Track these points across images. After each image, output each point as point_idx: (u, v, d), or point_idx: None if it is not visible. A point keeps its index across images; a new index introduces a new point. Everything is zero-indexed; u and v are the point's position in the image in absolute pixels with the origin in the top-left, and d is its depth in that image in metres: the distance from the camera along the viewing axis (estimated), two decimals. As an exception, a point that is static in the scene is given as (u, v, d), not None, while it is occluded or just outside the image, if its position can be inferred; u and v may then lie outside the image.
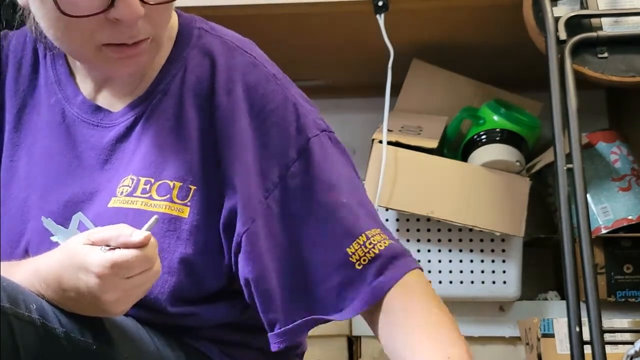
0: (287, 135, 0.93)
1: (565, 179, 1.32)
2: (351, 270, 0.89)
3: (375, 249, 0.90)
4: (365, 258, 0.90)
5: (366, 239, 0.90)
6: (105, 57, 0.88)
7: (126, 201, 0.92)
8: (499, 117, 1.67)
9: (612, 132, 1.74)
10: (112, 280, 0.78)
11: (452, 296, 1.62)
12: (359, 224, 0.92)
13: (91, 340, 0.81)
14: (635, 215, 1.62)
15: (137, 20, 0.84)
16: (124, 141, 0.95)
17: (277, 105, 0.95)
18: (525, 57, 1.56)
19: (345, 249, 0.90)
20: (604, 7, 1.48)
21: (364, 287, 0.89)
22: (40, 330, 0.77)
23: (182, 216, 0.91)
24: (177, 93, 0.95)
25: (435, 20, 1.71)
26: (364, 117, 2.01)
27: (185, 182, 0.92)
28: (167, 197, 0.92)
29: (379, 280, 0.89)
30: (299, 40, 1.79)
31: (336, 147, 0.97)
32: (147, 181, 0.93)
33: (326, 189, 0.92)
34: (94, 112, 0.97)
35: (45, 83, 1.00)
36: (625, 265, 1.63)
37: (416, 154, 1.60)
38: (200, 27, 0.99)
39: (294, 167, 0.92)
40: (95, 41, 0.86)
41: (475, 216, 1.57)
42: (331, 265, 0.90)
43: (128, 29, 0.84)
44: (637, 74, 1.43)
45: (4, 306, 0.74)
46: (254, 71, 0.96)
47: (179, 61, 0.97)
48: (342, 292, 0.90)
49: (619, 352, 1.33)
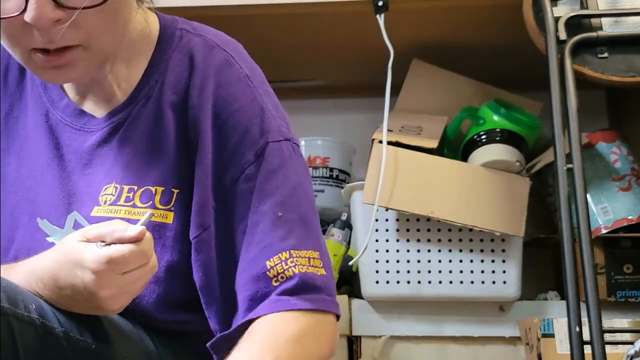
0: (248, 136, 0.92)
1: (565, 179, 1.31)
2: (266, 284, 0.87)
3: (294, 269, 0.87)
4: (282, 276, 0.87)
5: (289, 257, 0.88)
6: (34, 64, 0.86)
7: (110, 210, 0.91)
8: (499, 117, 1.67)
9: (612, 132, 1.74)
10: (108, 276, 0.77)
11: (452, 296, 1.62)
12: (289, 239, 0.89)
13: (90, 339, 0.81)
14: (635, 215, 1.62)
15: (47, 25, 0.81)
16: (104, 146, 0.94)
17: (242, 105, 0.93)
18: (525, 57, 1.56)
19: (265, 262, 0.87)
20: (604, 7, 1.48)
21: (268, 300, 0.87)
22: (40, 330, 0.77)
23: (167, 222, 0.91)
24: (157, 97, 0.94)
25: (435, 20, 1.71)
26: (364, 117, 2.01)
27: (167, 186, 0.91)
28: (150, 204, 0.91)
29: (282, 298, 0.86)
30: (299, 40, 1.79)
31: (296, 159, 0.95)
32: (130, 189, 0.92)
33: (266, 197, 0.90)
34: (77, 116, 0.97)
35: (31, 87, 1.00)
36: (625, 265, 1.63)
37: (416, 154, 1.60)
38: (182, 28, 0.98)
39: (248, 170, 0.90)
40: (23, 46, 0.85)
41: (475, 216, 1.56)
42: (250, 275, 0.88)
43: (44, 34, 0.82)
44: (637, 74, 1.43)
45: (4, 306, 0.74)
46: (227, 69, 0.94)
47: (161, 64, 0.95)
48: (253, 304, 0.87)
49: (619, 352, 1.32)
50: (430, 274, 1.62)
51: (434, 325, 1.64)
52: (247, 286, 0.87)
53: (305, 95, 2.08)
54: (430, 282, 1.62)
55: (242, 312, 0.88)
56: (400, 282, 1.61)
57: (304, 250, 0.89)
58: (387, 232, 1.63)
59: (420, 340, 1.64)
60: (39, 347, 0.76)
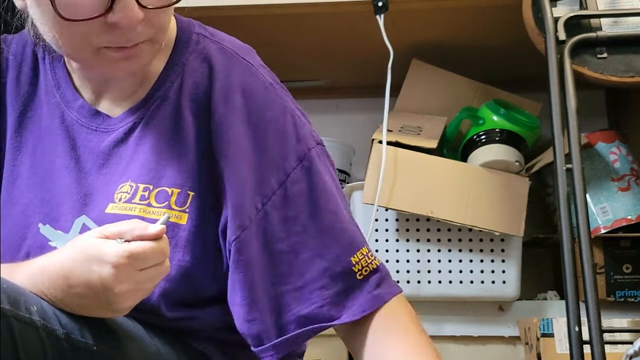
0: (286, 143, 0.94)
1: (564, 179, 1.32)
2: (352, 280, 0.91)
3: (374, 263, 0.92)
4: (367, 269, 0.91)
5: (367, 251, 0.93)
6: (103, 58, 0.88)
7: (125, 207, 0.92)
8: (498, 117, 1.67)
9: (611, 132, 1.74)
10: (127, 271, 0.78)
11: (452, 296, 1.62)
12: (358, 235, 0.94)
13: (92, 341, 0.81)
14: (635, 215, 1.62)
15: (136, 25, 0.84)
16: (121, 146, 0.95)
17: (276, 114, 0.95)
18: (524, 58, 1.56)
19: (350, 258, 0.91)
20: (604, 8, 1.48)
21: (363, 295, 0.90)
22: (41, 331, 0.77)
23: (181, 223, 0.91)
24: (175, 99, 0.95)
25: (435, 20, 1.71)
26: (364, 117, 2.01)
27: (183, 188, 0.92)
28: (166, 204, 0.92)
29: (379, 292, 0.91)
30: (299, 40, 1.79)
31: (329, 160, 0.99)
32: (145, 188, 0.92)
33: (328, 197, 0.93)
34: (93, 116, 0.97)
35: (45, 86, 1.00)
36: (625, 265, 1.63)
37: (416, 154, 1.60)
38: (199, 33, 0.99)
39: (294, 174, 0.93)
40: (93, 44, 0.86)
41: (475, 216, 1.57)
42: (333, 273, 0.90)
43: (126, 33, 0.85)
44: (636, 74, 1.43)
45: (5, 308, 0.74)
46: (251, 79, 0.96)
47: (178, 66, 0.97)
48: (341, 300, 0.90)
49: (618, 351, 1.33)
50: (430, 273, 1.62)
51: (433, 324, 1.64)
52: (335, 282, 0.90)
53: (305, 95, 2.08)
54: (430, 281, 1.62)
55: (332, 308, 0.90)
56: (400, 281, 1.61)
57: (367, 245, 0.95)
58: (387, 232, 1.63)
59: (419, 339, 1.64)
60: (40, 348, 0.76)
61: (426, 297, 1.62)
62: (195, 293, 0.92)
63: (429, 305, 1.64)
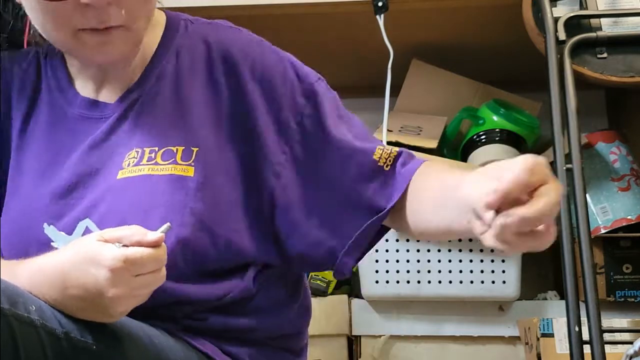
0: (291, 85, 1.02)
1: (564, 179, 1.32)
2: (382, 173, 0.99)
3: (393, 152, 1.01)
4: (390, 158, 1.00)
5: (383, 147, 1.02)
6: (81, 43, 0.93)
7: (133, 170, 0.95)
8: (498, 117, 1.67)
9: (611, 132, 1.74)
10: (122, 275, 0.79)
11: (452, 296, 1.62)
12: (371, 138, 1.04)
13: (91, 340, 0.82)
14: (635, 215, 1.62)
15: (105, 4, 0.89)
16: (122, 122, 1.00)
17: (274, 62, 1.04)
18: (524, 57, 1.56)
19: (372, 157, 0.99)
20: (604, 8, 1.48)
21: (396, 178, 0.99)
22: (41, 331, 0.77)
23: (188, 175, 0.95)
24: (173, 73, 1.02)
25: (435, 20, 1.71)
26: (364, 117, 1.98)
27: (187, 145, 0.97)
28: (172, 161, 0.96)
29: (406, 168, 0.99)
30: (299, 40, 1.79)
31: (329, 91, 1.07)
32: (151, 150, 0.97)
33: (337, 121, 1.02)
34: (93, 106, 1.02)
35: (47, 88, 1.05)
36: (625, 265, 1.63)
37: (416, 154, 1.60)
38: (186, 19, 1.07)
39: (306, 111, 1.01)
40: (70, 26, 0.92)
41: (475, 216, 1.56)
42: (365, 175, 0.99)
43: (98, 13, 0.90)
44: (636, 74, 1.43)
45: (4, 308, 0.74)
46: (243, 37, 1.05)
47: (170, 48, 1.03)
48: (382, 192, 0.98)
49: (618, 351, 1.33)
50: (429, 273, 1.62)
51: (433, 325, 1.64)
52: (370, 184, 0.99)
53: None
54: (429, 281, 1.62)
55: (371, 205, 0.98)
56: (400, 281, 1.62)
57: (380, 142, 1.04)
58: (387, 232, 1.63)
59: (420, 339, 1.64)
60: (39, 347, 0.77)
61: (426, 297, 1.62)
62: (209, 244, 0.94)
63: (429, 305, 1.64)
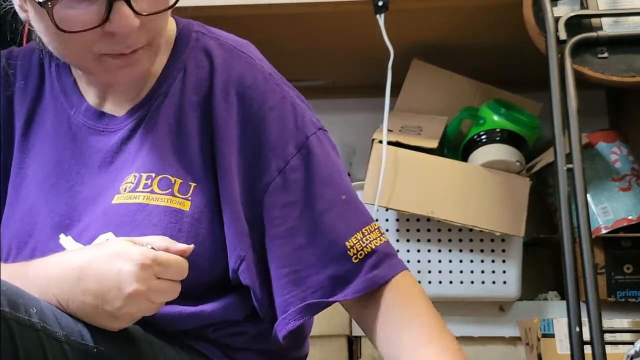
0: (286, 131, 0.95)
1: (565, 179, 1.32)
2: (348, 264, 0.92)
3: (372, 244, 0.93)
4: (362, 252, 0.92)
5: (362, 236, 0.93)
6: (105, 66, 0.91)
7: (129, 197, 0.94)
8: (499, 117, 1.67)
9: (612, 132, 1.74)
10: (147, 273, 0.80)
11: (452, 296, 1.62)
12: (357, 218, 0.94)
13: (92, 343, 0.81)
14: (635, 215, 1.62)
15: (132, 33, 0.86)
16: (127, 143, 0.97)
17: (275, 103, 0.97)
18: (525, 57, 1.56)
19: (344, 243, 0.92)
20: (604, 7, 1.48)
21: (358, 278, 0.91)
22: (41, 334, 0.77)
23: (184, 209, 0.93)
24: (178, 94, 0.98)
25: (435, 20, 1.71)
26: (364, 117, 2.01)
27: (185, 179, 0.94)
28: (169, 192, 0.94)
29: (374, 274, 0.91)
30: (299, 40, 1.79)
31: (331, 145, 1.00)
32: (148, 176, 0.94)
33: (326, 183, 0.94)
34: (98, 118, 0.99)
35: (51, 93, 1.03)
36: (625, 266, 1.63)
37: (416, 154, 1.60)
38: (198, 31, 1.02)
39: (293, 161, 0.94)
40: (93, 52, 0.89)
41: (475, 216, 1.57)
42: (328, 257, 0.92)
43: (124, 41, 0.87)
44: (637, 74, 1.43)
45: (4, 310, 0.74)
46: (251, 71, 0.98)
47: (179, 63, 0.99)
48: (336, 283, 0.92)
49: (619, 352, 1.33)
50: (430, 274, 1.62)
51: (434, 325, 1.63)
52: (330, 267, 0.91)
53: (305, 95, 2.07)
54: (430, 282, 1.62)
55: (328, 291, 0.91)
56: (400, 282, 1.61)
57: (370, 225, 0.95)
58: (387, 232, 1.63)
59: (420, 340, 1.64)
60: (39, 351, 0.76)
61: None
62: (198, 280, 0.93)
63: (430, 305, 1.64)
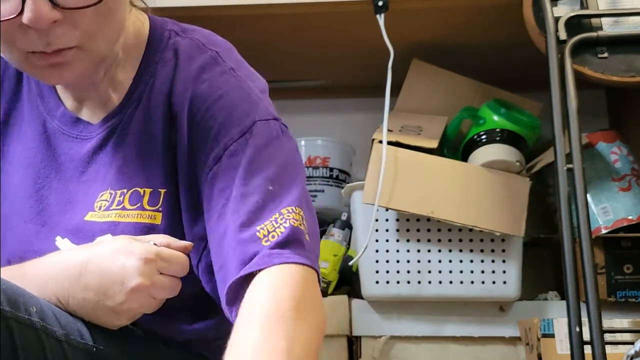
0: (232, 118, 0.90)
1: (565, 179, 1.31)
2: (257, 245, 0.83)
3: (278, 231, 0.83)
4: (274, 234, 0.83)
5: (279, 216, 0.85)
6: (31, 65, 0.86)
7: (102, 215, 0.92)
8: (499, 117, 1.67)
9: (612, 132, 1.74)
10: (150, 267, 0.81)
11: (452, 296, 1.62)
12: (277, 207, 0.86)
13: (91, 342, 0.82)
14: (636, 215, 1.62)
15: (45, 26, 0.80)
16: (99, 153, 0.95)
17: (225, 91, 0.92)
18: (525, 57, 1.56)
19: (256, 227, 0.84)
20: (604, 7, 1.48)
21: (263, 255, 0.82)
22: (41, 333, 0.77)
23: (155, 223, 0.91)
24: (146, 100, 0.95)
25: (435, 20, 1.71)
26: (364, 117, 2.01)
27: (154, 187, 0.92)
28: (138, 205, 0.92)
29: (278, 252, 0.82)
30: (299, 40, 1.79)
31: (285, 138, 0.93)
32: (121, 193, 0.93)
33: (256, 171, 0.87)
34: (73, 124, 0.97)
35: (28, 95, 1.00)
36: (626, 266, 1.63)
37: (416, 154, 1.60)
38: (171, 29, 0.98)
39: (232, 147, 0.89)
40: (19, 48, 0.84)
41: (475, 216, 1.56)
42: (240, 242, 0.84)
43: (41, 35, 0.81)
44: (637, 74, 1.43)
45: (4, 309, 0.74)
46: (211, 65, 0.94)
47: (151, 67, 0.96)
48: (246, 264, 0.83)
49: (619, 352, 1.32)
50: (430, 274, 1.62)
51: (434, 325, 1.64)
52: (237, 250, 0.83)
53: (305, 95, 2.09)
54: (430, 282, 1.62)
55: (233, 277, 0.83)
56: (400, 282, 1.61)
57: (294, 207, 0.86)
58: (387, 232, 1.63)
59: (420, 340, 1.64)
60: (39, 350, 0.76)
61: (426, 297, 1.62)
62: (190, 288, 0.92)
63: (430, 305, 1.64)
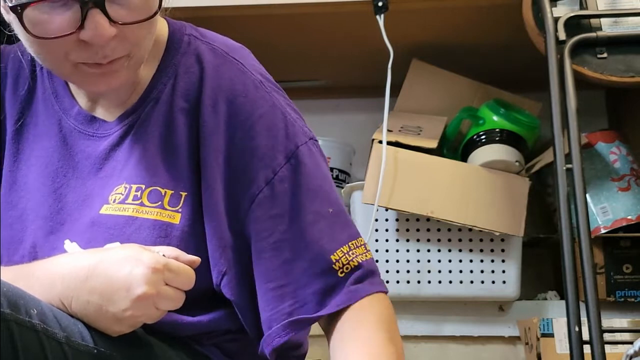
0: (275, 140, 0.93)
1: (564, 179, 1.32)
2: (334, 277, 0.91)
3: (357, 259, 0.92)
4: (348, 266, 0.91)
5: (349, 249, 0.92)
6: (82, 74, 0.88)
7: (118, 208, 0.92)
8: (498, 117, 1.67)
9: (611, 132, 1.74)
10: (157, 277, 0.81)
11: (452, 296, 1.62)
12: (344, 232, 0.93)
13: (92, 344, 0.81)
14: (635, 215, 1.62)
15: (107, 42, 0.83)
16: (117, 149, 0.96)
17: (265, 111, 0.94)
18: (525, 57, 1.56)
19: (330, 257, 0.91)
20: (604, 8, 1.48)
21: (342, 290, 0.90)
22: (41, 335, 0.77)
23: (173, 222, 0.92)
24: (168, 100, 0.96)
25: (435, 20, 1.71)
26: (364, 117, 2.01)
27: (176, 189, 0.93)
28: (159, 204, 0.92)
29: (357, 287, 0.91)
30: (299, 40, 1.79)
31: (321, 156, 0.98)
32: (138, 188, 0.93)
33: (314, 195, 0.93)
34: (89, 122, 0.98)
35: (42, 95, 1.01)
36: (625, 265, 1.63)
37: (416, 154, 1.60)
38: (190, 34, 0.99)
39: (281, 172, 0.92)
40: (70, 60, 0.86)
41: (475, 216, 1.57)
42: (314, 271, 0.91)
43: (100, 50, 0.85)
44: (636, 74, 1.43)
45: (5, 312, 0.74)
46: (241, 78, 0.96)
47: (170, 68, 0.97)
48: (321, 298, 0.90)
49: (618, 351, 1.33)
50: (429, 273, 1.62)
51: (433, 325, 1.64)
52: (316, 281, 0.90)
53: (305, 95, 2.09)
54: (430, 282, 1.62)
55: (313, 306, 0.90)
56: (400, 282, 1.61)
57: (357, 239, 0.94)
58: (387, 232, 1.63)
59: (420, 339, 1.65)
60: (40, 352, 0.76)
61: (426, 297, 1.62)
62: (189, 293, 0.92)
63: (429, 305, 1.64)
